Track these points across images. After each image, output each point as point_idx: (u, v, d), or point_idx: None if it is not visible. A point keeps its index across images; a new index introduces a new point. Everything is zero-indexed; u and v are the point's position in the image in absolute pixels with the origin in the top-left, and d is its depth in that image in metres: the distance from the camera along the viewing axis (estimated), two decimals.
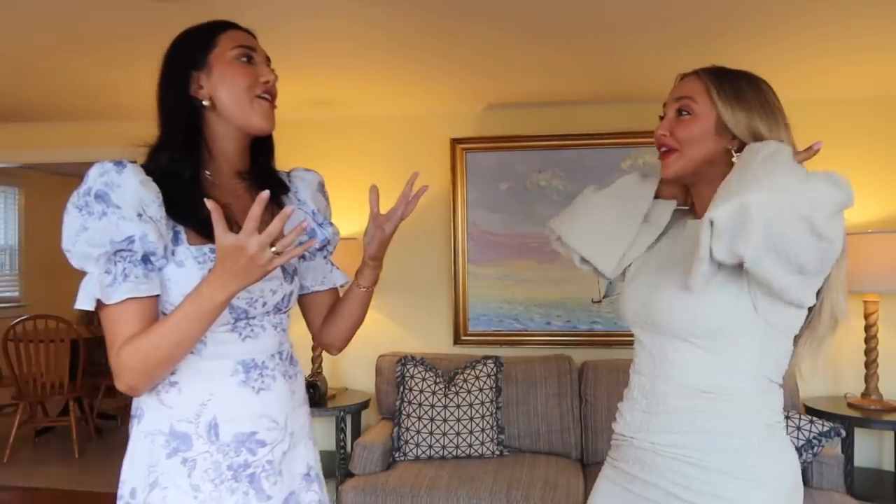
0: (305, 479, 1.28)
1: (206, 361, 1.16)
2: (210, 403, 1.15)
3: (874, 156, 3.24)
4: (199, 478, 1.13)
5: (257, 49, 1.24)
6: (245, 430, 1.17)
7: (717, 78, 1.20)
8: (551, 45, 2.61)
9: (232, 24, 1.26)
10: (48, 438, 5.16)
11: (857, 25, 2.39)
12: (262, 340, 1.22)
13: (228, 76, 1.19)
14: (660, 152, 1.24)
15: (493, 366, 3.20)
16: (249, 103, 1.19)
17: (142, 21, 2.31)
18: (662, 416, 1.18)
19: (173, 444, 1.14)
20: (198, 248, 1.13)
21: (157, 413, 1.15)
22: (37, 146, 3.94)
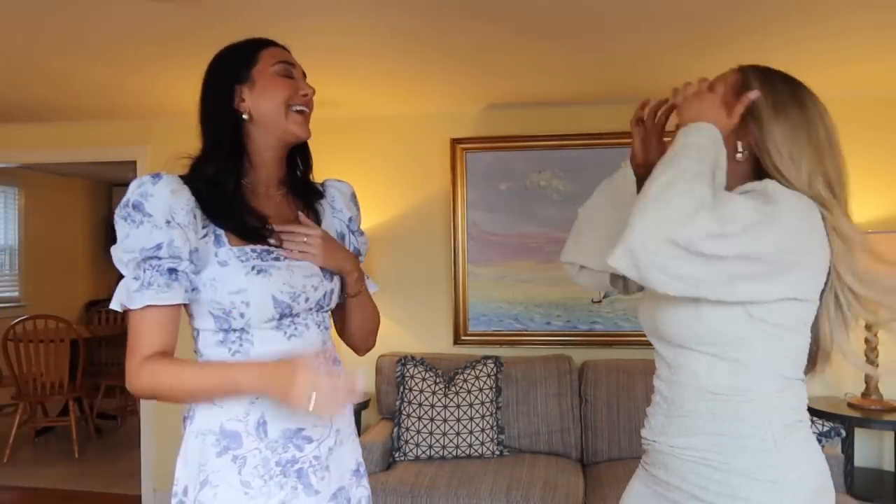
0: (356, 474, 1.33)
1: (256, 359, 1.20)
2: (258, 401, 1.20)
3: (874, 156, 3.24)
4: (248, 474, 1.18)
5: (295, 64, 1.31)
6: (292, 426, 1.21)
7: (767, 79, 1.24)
8: (551, 44, 2.61)
9: (272, 42, 1.33)
10: (48, 438, 5.16)
11: (856, 24, 2.39)
12: (306, 339, 1.26)
13: (270, 89, 1.26)
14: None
15: (493, 366, 3.20)
16: (287, 114, 1.27)
17: (142, 21, 2.31)
18: (680, 419, 1.19)
19: (223, 442, 1.19)
20: (240, 249, 1.21)
21: (209, 413, 1.21)
22: (37, 146, 3.94)
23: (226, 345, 1.22)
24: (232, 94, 1.26)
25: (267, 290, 1.20)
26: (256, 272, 1.20)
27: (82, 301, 7.12)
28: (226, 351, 1.22)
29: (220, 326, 1.21)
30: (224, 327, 1.21)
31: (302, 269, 1.26)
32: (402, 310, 3.66)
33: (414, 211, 3.65)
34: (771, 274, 1.06)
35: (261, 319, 1.20)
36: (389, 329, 3.66)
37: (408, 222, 3.66)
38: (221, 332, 1.22)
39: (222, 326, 1.21)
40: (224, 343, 1.22)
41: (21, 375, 4.63)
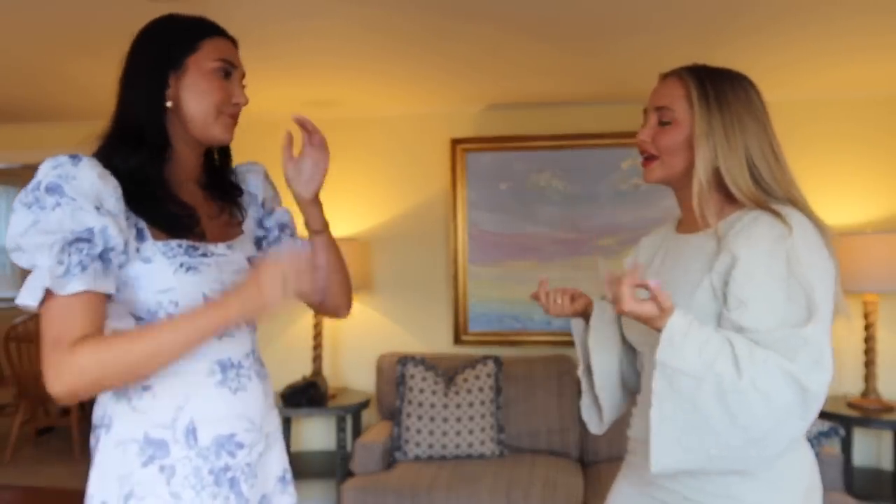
0: (281, 482, 1.27)
1: (182, 362, 1.10)
2: (187, 406, 1.11)
3: (873, 156, 3.24)
4: (178, 485, 1.09)
5: (237, 65, 1.21)
6: (224, 432, 1.14)
7: (698, 79, 1.18)
8: (551, 45, 2.61)
9: (219, 30, 1.21)
10: (49, 438, 5.17)
11: (854, 25, 2.39)
12: (237, 339, 1.19)
13: (202, 87, 1.15)
14: (642, 157, 1.25)
15: (493, 366, 3.21)
16: (214, 118, 1.17)
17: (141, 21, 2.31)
18: None
19: (148, 451, 1.09)
20: (165, 244, 1.11)
21: (129, 420, 1.10)
22: (37, 146, 3.95)
23: None
24: (164, 79, 1.15)
25: (197, 288, 1.11)
26: (185, 269, 1.11)
27: None
28: None
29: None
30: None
31: (231, 265, 1.20)
32: (402, 310, 3.66)
33: (414, 211, 3.65)
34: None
35: None
36: (389, 329, 3.66)
37: (408, 222, 3.66)
38: None
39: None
40: None
41: (22, 375, 4.63)
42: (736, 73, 1.20)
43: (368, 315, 3.67)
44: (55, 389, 0.97)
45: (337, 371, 3.71)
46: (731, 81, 1.17)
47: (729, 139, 1.13)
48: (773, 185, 1.13)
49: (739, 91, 1.16)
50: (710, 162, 1.14)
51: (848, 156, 3.23)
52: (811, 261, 1.05)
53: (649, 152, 1.22)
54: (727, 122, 1.13)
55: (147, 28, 1.21)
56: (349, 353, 3.68)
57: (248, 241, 1.29)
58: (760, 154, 1.14)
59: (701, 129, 1.14)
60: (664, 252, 1.30)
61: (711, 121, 1.14)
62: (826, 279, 1.05)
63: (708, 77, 1.18)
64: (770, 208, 1.10)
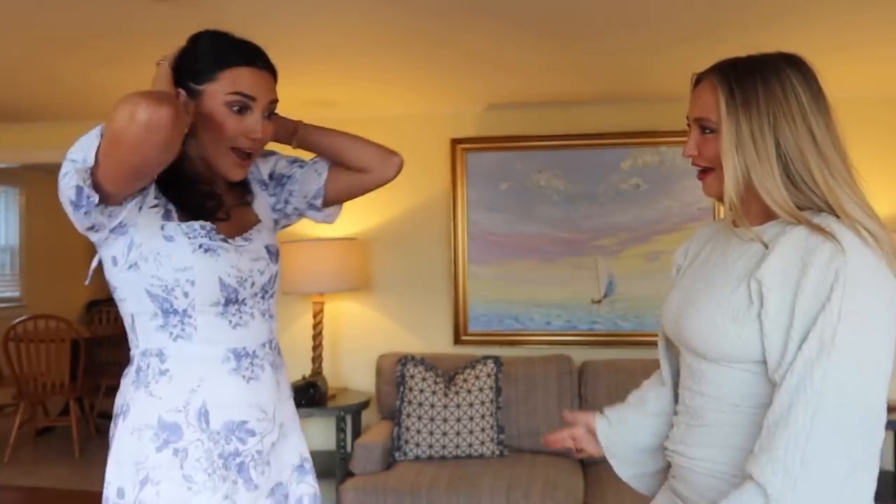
0: (299, 470, 1.29)
1: (198, 347, 1.15)
2: (200, 389, 1.14)
3: (874, 156, 3.24)
4: (191, 468, 1.12)
5: (258, 98, 1.16)
6: (235, 418, 1.16)
7: (727, 84, 1.09)
8: (551, 45, 2.61)
9: (247, 59, 1.17)
10: (49, 438, 5.16)
11: (857, 24, 2.39)
12: (252, 329, 1.21)
13: (212, 122, 1.15)
14: (698, 171, 1.16)
15: (493, 366, 3.20)
16: (224, 153, 1.17)
17: (141, 21, 2.31)
18: (700, 428, 1.13)
19: (163, 436, 1.13)
20: (188, 225, 1.14)
21: (145, 406, 1.14)
22: (37, 146, 3.94)
23: (167, 329, 1.15)
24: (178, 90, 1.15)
25: (213, 270, 1.14)
26: (203, 250, 1.14)
27: (82, 301, 7.12)
28: (167, 336, 1.15)
29: (160, 307, 1.13)
30: (165, 308, 1.13)
31: (249, 253, 1.22)
32: (402, 310, 3.66)
33: (414, 211, 3.65)
34: None
35: (205, 302, 1.14)
36: (389, 329, 3.66)
37: (408, 222, 3.66)
38: (161, 315, 1.14)
39: (163, 307, 1.13)
40: (165, 328, 1.14)
41: (22, 375, 4.63)
42: (773, 58, 1.09)
43: (368, 315, 3.67)
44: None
45: (337, 371, 3.71)
46: (764, 76, 1.07)
47: (758, 148, 1.05)
48: (814, 187, 1.04)
49: (773, 84, 1.06)
50: (742, 175, 1.06)
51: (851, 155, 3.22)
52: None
53: (700, 166, 1.15)
54: (755, 127, 1.05)
55: (188, 40, 1.22)
56: (349, 353, 3.67)
57: (265, 228, 1.30)
58: (798, 153, 1.05)
59: (728, 141, 1.06)
60: (713, 244, 1.23)
61: (739, 131, 1.06)
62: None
63: (736, 78, 1.08)
64: (809, 223, 1.01)
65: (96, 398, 5.33)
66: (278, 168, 1.39)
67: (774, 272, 1.01)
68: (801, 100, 1.07)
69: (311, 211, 1.40)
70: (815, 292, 0.96)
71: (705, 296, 1.12)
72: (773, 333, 1.00)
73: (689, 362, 1.17)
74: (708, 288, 1.13)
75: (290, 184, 1.37)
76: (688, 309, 1.14)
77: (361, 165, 1.36)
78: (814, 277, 0.96)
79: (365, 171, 1.37)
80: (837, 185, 1.04)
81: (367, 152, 1.37)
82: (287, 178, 1.38)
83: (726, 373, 1.09)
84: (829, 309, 0.94)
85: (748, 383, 1.07)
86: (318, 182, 1.37)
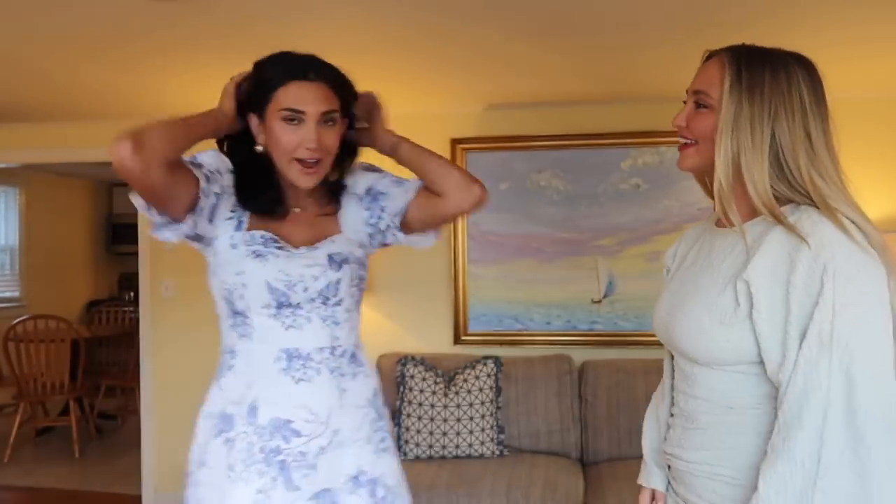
0: (353, 481, 1.28)
1: (256, 345, 1.26)
2: (254, 385, 1.24)
3: (874, 156, 3.24)
4: (234, 458, 1.21)
5: (306, 111, 1.24)
6: (282, 416, 1.23)
7: (736, 65, 1.08)
8: (551, 45, 2.61)
9: (300, 74, 1.27)
10: (48, 438, 5.17)
11: (857, 26, 2.39)
12: (306, 332, 1.26)
13: (273, 137, 1.25)
14: (680, 143, 1.17)
15: (493, 366, 3.20)
16: (288, 164, 1.26)
17: (142, 21, 2.31)
18: (694, 431, 1.13)
19: (220, 425, 1.24)
20: (250, 234, 1.26)
21: (215, 397, 1.28)
22: (37, 146, 3.93)
23: (235, 329, 1.27)
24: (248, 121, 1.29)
25: (261, 275, 1.23)
26: (255, 256, 1.24)
27: (82, 301, 7.12)
28: (235, 336, 1.27)
29: (229, 308, 1.27)
30: (232, 309, 1.27)
31: (304, 259, 1.27)
32: (402, 310, 3.66)
33: None
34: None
35: (257, 304, 1.24)
36: (389, 329, 3.66)
37: None
38: (231, 316, 1.28)
39: (230, 308, 1.27)
40: (234, 328, 1.28)
41: (21, 375, 4.63)
42: (785, 54, 1.10)
43: (368, 315, 3.66)
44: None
45: None
46: (773, 64, 1.07)
47: (754, 134, 1.05)
48: (801, 182, 1.04)
49: (780, 75, 1.06)
50: (732, 157, 1.06)
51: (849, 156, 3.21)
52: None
53: (685, 137, 1.15)
54: (755, 114, 1.05)
55: (252, 67, 1.31)
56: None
57: (344, 239, 1.35)
58: (791, 148, 1.05)
59: (725, 123, 1.06)
60: (699, 246, 1.23)
61: (738, 113, 1.06)
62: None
63: (747, 62, 1.08)
64: (785, 222, 1.01)
65: (96, 398, 5.33)
66: (379, 185, 1.41)
67: (762, 272, 1.01)
68: (804, 98, 1.08)
69: (398, 232, 1.41)
70: (805, 288, 0.96)
71: (693, 299, 1.12)
72: (770, 333, 1.00)
73: (682, 366, 1.17)
74: (695, 291, 1.13)
75: (384, 200, 1.40)
76: (676, 313, 1.14)
77: (440, 188, 1.38)
78: (803, 273, 0.96)
79: (443, 195, 1.38)
80: (825, 184, 1.05)
81: (450, 176, 1.39)
82: (382, 194, 1.41)
83: (718, 376, 1.09)
84: (823, 304, 0.94)
85: (740, 385, 1.07)
86: (403, 200, 1.39)
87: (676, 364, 1.20)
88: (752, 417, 1.06)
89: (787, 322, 0.97)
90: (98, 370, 5.52)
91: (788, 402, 0.96)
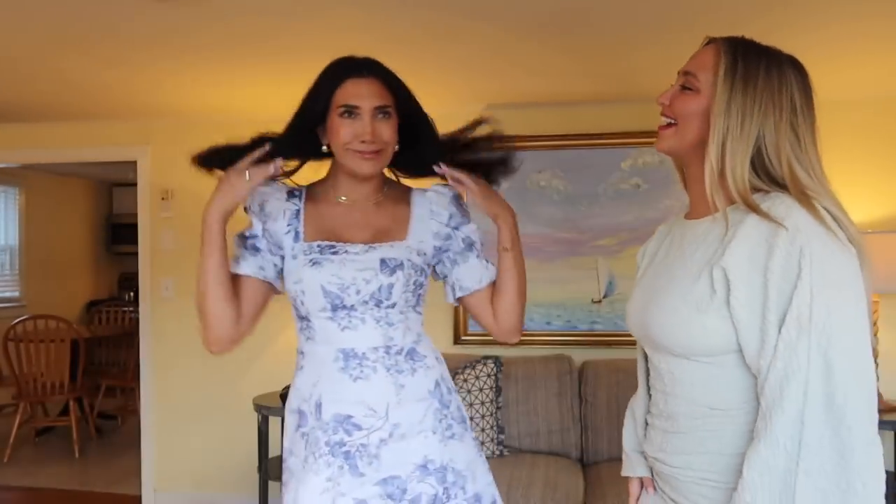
0: (421, 469, 1.34)
1: (318, 346, 1.35)
2: (318, 384, 1.34)
3: (874, 156, 3.24)
4: (308, 450, 1.33)
5: (360, 104, 1.34)
6: (342, 412, 1.32)
7: (732, 54, 1.10)
8: (552, 45, 2.61)
9: (353, 72, 1.37)
10: (48, 438, 5.17)
11: (857, 26, 2.39)
12: (361, 333, 1.34)
13: (332, 132, 1.36)
14: (661, 123, 1.18)
15: (493, 366, 3.20)
16: (343, 154, 1.36)
17: (142, 21, 2.31)
18: (676, 435, 1.12)
19: (298, 420, 1.37)
20: (308, 244, 1.36)
21: (292, 394, 1.40)
22: (37, 146, 3.94)
23: (302, 332, 1.40)
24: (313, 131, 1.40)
25: (317, 280, 1.31)
26: (311, 264, 1.33)
27: (82, 301, 7.12)
28: (303, 338, 1.40)
29: (297, 314, 1.39)
30: (299, 314, 1.39)
31: (356, 263, 1.33)
32: None
33: None
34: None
35: (315, 308, 1.33)
36: None
37: None
38: (298, 320, 1.40)
39: (298, 313, 1.39)
40: (301, 331, 1.40)
41: (21, 375, 4.63)
42: (780, 54, 1.12)
43: None
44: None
45: None
46: (769, 62, 1.09)
47: (742, 123, 1.06)
48: (782, 175, 1.05)
49: (773, 73, 1.08)
50: (721, 142, 1.07)
51: (849, 155, 3.23)
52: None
53: (666, 116, 1.17)
54: (747, 105, 1.06)
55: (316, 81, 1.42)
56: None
57: (402, 247, 1.40)
58: (774, 143, 1.06)
59: (718, 106, 1.07)
60: (670, 240, 1.24)
61: (731, 100, 1.07)
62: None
63: (743, 53, 1.09)
64: (758, 210, 1.02)
65: (96, 398, 5.33)
66: (464, 232, 1.50)
67: (740, 259, 1.01)
68: (794, 100, 1.09)
69: (449, 289, 1.53)
70: (783, 272, 0.97)
71: (667, 290, 1.12)
72: (749, 319, 1.00)
73: (658, 363, 1.16)
74: (669, 283, 1.12)
75: (461, 263, 1.49)
76: (651, 306, 1.14)
77: (500, 311, 1.47)
78: (780, 258, 0.97)
79: (497, 316, 1.47)
80: (808, 177, 1.06)
81: (514, 311, 1.46)
82: (461, 244, 1.49)
83: (695, 370, 1.08)
84: (801, 287, 0.95)
85: (719, 382, 1.06)
86: (472, 283, 1.49)
87: (652, 363, 1.20)
88: (734, 420, 1.05)
89: (766, 307, 0.98)
90: (98, 370, 5.52)
91: (769, 386, 0.97)
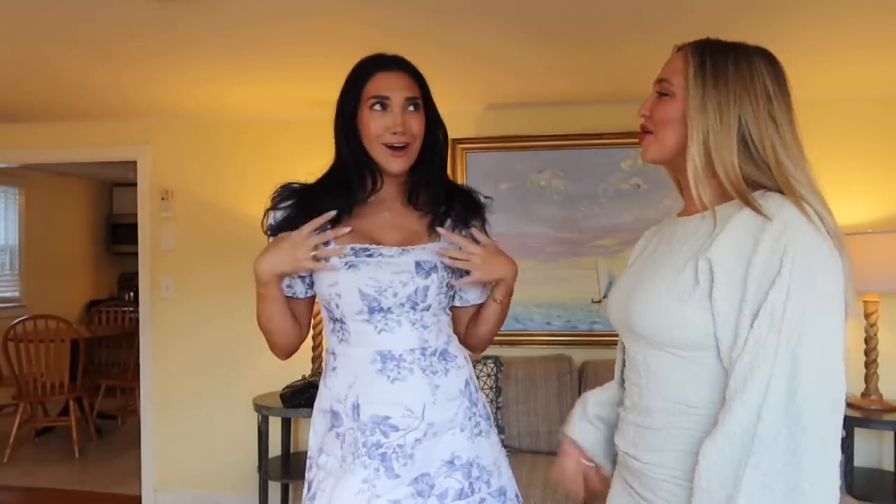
0: (448, 465, 1.36)
1: (353, 349, 1.36)
2: (354, 386, 1.34)
3: (874, 156, 3.23)
4: (345, 450, 1.34)
5: (391, 96, 1.36)
6: (380, 413, 1.32)
7: (699, 55, 1.12)
8: (552, 44, 2.61)
9: (383, 66, 1.40)
10: (48, 438, 5.17)
11: (856, 24, 2.39)
12: (397, 335, 1.35)
13: (363, 125, 1.37)
14: (642, 135, 1.19)
15: (493, 366, 3.20)
16: (376, 148, 1.37)
17: (142, 21, 2.31)
18: (651, 431, 1.11)
19: (331, 420, 1.37)
20: (341, 247, 1.35)
21: (325, 395, 1.40)
22: (37, 146, 3.94)
23: (335, 334, 1.39)
24: (349, 129, 1.39)
25: (353, 283, 1.32)
26: (347, 267, 1.33)
27: (82, 301, 7.12)
28: (336, 340, 1.39)
29: (329, 316, 1.39)
30: (331, 316, 1.39)
31: (391, 266, 1.34)
32: None
33: None
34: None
35: (352, 311, 1.33)
36: None
37: None
38: (331, 322, 1.40)
39: (329, 316, 1.39)
40: (334, 332, 1.39)
41: (21, 375, 4.63)
42: (747, 47, 1.13)
43: None
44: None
45: None
46: (737, 55, 1.11)
47: (721, 116, 1.07)
48: (770, 164, 1.06)
49: (742, 65, 1.09)
50: (703, 140, 1.08)
51: (848, 155, 3.23)
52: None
53: (645, 127, 1.17)
54: (722, 99, 1.07)
55: (345, 83, 1.43)
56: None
57: (435, 250, 1.41)
58: (757, 131, 1.07)
59: (693, 105, 1.09)
60: (660, 237, 1.24)
61: (705, 97, 1.08)
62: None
63: (710, 52, 1.12)
64: (753, 204, 1.02)
65: (96, 398, 5.33)
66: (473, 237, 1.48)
67: (725, 252, 1.01)
68: (767, 87, 1.10)
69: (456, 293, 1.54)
70: (764, 266, 0.97)
71: (651, 279, 1.12)
72: (727, 312, 1.00)
73: (634, 354, 1.16)
74: (655, 273, 1.13)
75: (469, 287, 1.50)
76: (634, 293, 1.14)
77: (475, 332, 1.54)
78: (764, 253, 0.97)
79: (470, 336, 1.55)
80: (790, 164, 1.06)
81: (487, 337, 1.55)
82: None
83: (671, 363, 1.07)
84: (780, 284, 0.95)
85: (694, 377, 1.05)
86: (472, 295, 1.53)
87: (628, 355, 1.20)
88: (710, 419, 1.03)
89: (743, 300, 0.98)
90: (98, 370, 5.52)
91: (734, 378, 0.97)
